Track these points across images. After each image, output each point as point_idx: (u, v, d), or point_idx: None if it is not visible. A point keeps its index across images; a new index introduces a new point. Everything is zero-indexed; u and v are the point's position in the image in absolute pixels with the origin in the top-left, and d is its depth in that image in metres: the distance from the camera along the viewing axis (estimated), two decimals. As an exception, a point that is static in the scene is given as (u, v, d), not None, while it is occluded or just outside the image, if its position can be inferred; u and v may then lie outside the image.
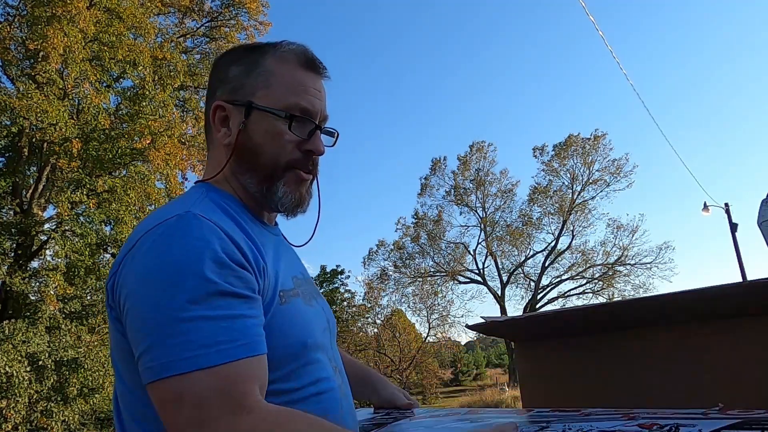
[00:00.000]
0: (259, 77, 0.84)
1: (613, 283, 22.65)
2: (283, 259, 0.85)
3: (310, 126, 0.84)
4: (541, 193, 23.91)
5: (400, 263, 24.54)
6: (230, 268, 0.67)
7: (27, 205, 10.70)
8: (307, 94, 0.85)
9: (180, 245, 0.67)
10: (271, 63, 0.85)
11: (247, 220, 0.83)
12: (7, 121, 10.32)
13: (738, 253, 14.21)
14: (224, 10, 14.67)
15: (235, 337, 0.64)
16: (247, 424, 0.60)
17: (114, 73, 11.72)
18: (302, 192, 0.87)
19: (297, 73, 0.85)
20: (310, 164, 0.87)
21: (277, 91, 0.83)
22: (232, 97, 0.85)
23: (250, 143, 0.83)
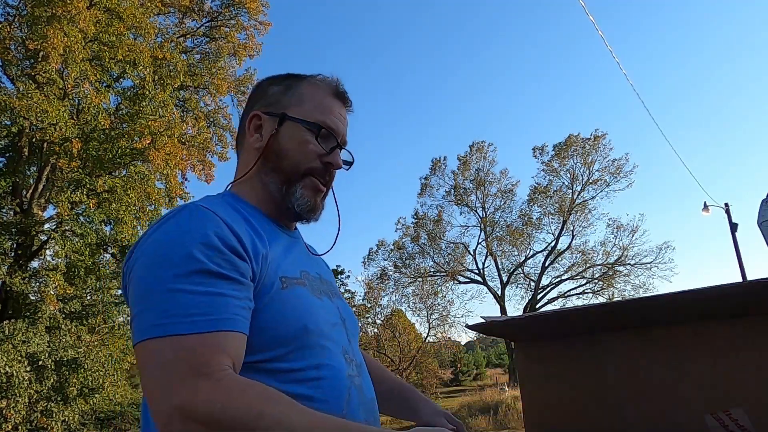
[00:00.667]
0: (293, 96, 0.97)
1: (613, 283, 22.64)
2: (292, 255, 0.91)
3: (333, 143, 0.96)
4: (541, 193, 23.90)
5: (400, 263, 24.55)
6: (219, 251, 0.73)
7: (27, 205, 10.70)
8: (334, 116, 0.97)
9: (176, 229, 0.75)
10: (305, 87, 0.98)
11: (259, 218, 0.91)
12: (7, 121, 10.33)
13: (738, 253, 14.21)
14: (224, 10, 14.67)
15: (208, 312, 0.68)
16: (206, 388, 0.63)
17: (114, 73, 11.72)
18: (317, 200, 0.97)
19: (327, 99, 0.98)
20: (328, 177, 0.97)
21: (308, 109, 0.96)
22: (268, 109, 0.98)
23: (278, 147, 0.94)
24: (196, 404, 0.63)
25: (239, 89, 15.28)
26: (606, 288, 22.75)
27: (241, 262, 0.75)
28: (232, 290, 0.72)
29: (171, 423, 0.63)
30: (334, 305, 0.94)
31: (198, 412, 0.63)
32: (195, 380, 0.64)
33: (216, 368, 0.65)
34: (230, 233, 0.76)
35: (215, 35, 14.72)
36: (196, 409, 0.63)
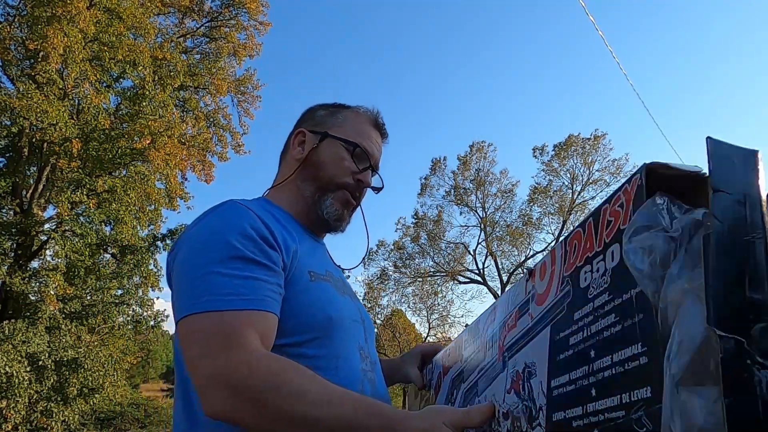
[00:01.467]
0: (337, 119, 1.09)
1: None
2: (318, 256, 1.01)
3: (366, 163, 1.06)
4: (541, 193, 23.91)
5: (400, 263, 24.56)
6: (254, 241, 0.81)
7: (27, 205, 10.70)
8: (370, 142, 1.08)
9: (216, 221, 0.86)
10: (349, 114, 1.11)
11: (290, 221, 1.00)
12: (7, 121, 10.33)
13: (738, 254, 14.20)
14: (224, 10, 14.67)
15: (242, 292, 0.76)
16: (241, 356, 0.71)
17: (114, 73, 11.72)
18: (345, 212, 1.06)
19: (366, 126, 1.10)
20: (359, 193, 1.07)
21: (348, 131, 1.06)
22: (313, 128, 1.09)
23: (317, 159, 1.04)
24: (228, 372, 0.70)
25: (239, 89, 15.29)
26: (606, 288, 22.73)
27: (273, 251, 0.83)
28: (264, 275, 0.80)
29: (207, 389, 0.71)
30: (355, 305, 1.03)
31: (229, 378, 0.70)
32: (228, 351, 0.71)
33: (246, 341, 0.72)
34: (263, 226, 0.84)
35: (215, 35, 14.72)
36: (228, 376, 0.70)
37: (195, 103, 14.02)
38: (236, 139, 15.05)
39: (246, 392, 0.69)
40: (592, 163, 23.25)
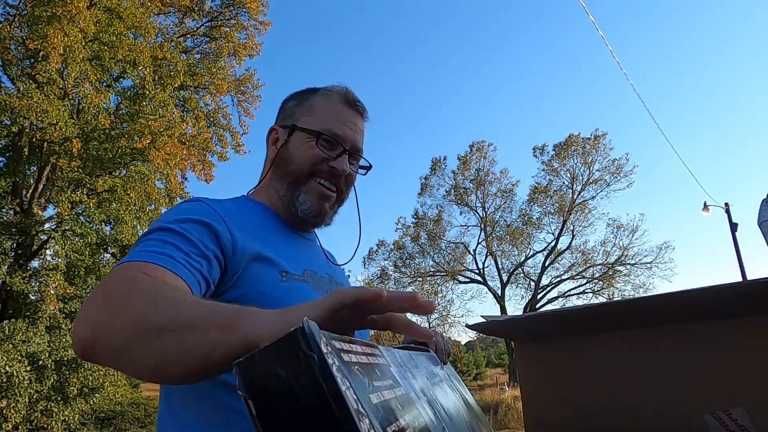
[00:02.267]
0: (305, 108, 1.03)
1: (613, 283, 22.64)
2: (297, 254, 0.97)
3: (338, 148, 1.00)
4: (541, 193, 23.90)
5: (400, 263, 24.55)
6: (193, 222, 0.80)
7: (27, 205, 10.69)
8: (342, 124, 1.01)
9: (171, 210, 0.85)
10: (317, 98, 1.04)
11: (268, 217, 0.98)
12: (8, 120, 10.32)
13: (738, 253, 14.21)
14: (224, 10, 14.67)
15: (153, 249, 0.72)
16: (117, 270, 0.66)
17: (114, 72, 11.72)
18: (324, 206, 1.01)
19: (336, 107, 1.02)
20: (334, 180, 1.01)
21: (316, 119, 1.01)
22: (283, 122, 1.05)
23: (287, 155, 1.00)
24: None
25: (239, 89, 15.28)
26: (606, 288, 22.74)
27: (212, 240, 0.80)
28: (186, 246, 0.75)
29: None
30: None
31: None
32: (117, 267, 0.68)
33: (134, 264, 0.68)
34: (214, 219, 0.82)
35: (215, 35, 14.71)
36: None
37: (195, 102, 14.01)
38: (236, 139, 15.04)
39: (95, 298, 0.61)
40: (592, 163, 23.25)
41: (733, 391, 0.81)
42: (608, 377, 0.96)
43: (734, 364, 0.82)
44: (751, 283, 0.73)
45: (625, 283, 22.63)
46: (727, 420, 0.81)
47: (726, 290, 0.74)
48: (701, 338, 0.86)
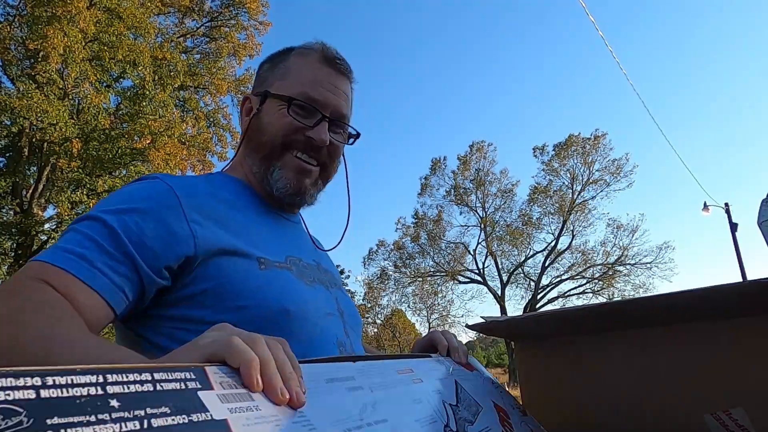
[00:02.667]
0: (278, 71, 0.90)
1: (613, 283, 22.64)
2: (278, 239, 0.86)
3: (316, 115, 0.87)
4: (541, 193, 23.90)
5: (400, 263, 24.55)
6: (134, 212, 0.69)
7: (27, 205, 10.69)
8: (320, 87, 0.88)
9: (122, 189, 0.77)
10: (292, 59, 0.91)
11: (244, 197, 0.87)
12: (8, 121, 10.33)
13: (738, 253, 14.21)
14: (224, 10, 14.67)
15: (73, 249, 0.64)
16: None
17: (114, 73, 11.72)
18: (303, 182, 0.88)
19: (313, 68, 0.89)
20: (313, 153, 0.88)
21: (290, 82, 0.88)
22: (256, 89, 0.92)
23: (258, 125, 0.88)
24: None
25: (239, 89, 15.28)
26: (606, 288, 22.74)
27: (157, 236, 0.69)
28: (114, 246, 0.65)
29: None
30: (331, 295, 0.88)
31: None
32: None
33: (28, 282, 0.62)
34: (167, 207, 0.72)
35: (215, 35, 14.72)
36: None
37: (195, 103, 14.02)
38: (236, 139, 15.04)
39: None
40: (592, 163, 23.25)
41: (733, 391, 0.81)
42: (608, 377, 0.96)
43: (734, 364, 0.82)
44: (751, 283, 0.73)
45: (625, 283, 22.63)
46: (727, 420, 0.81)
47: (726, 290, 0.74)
48: (701, 338, 0.86)
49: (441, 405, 0.67)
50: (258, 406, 0.41)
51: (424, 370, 0.74)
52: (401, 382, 0.65)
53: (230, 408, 0.38)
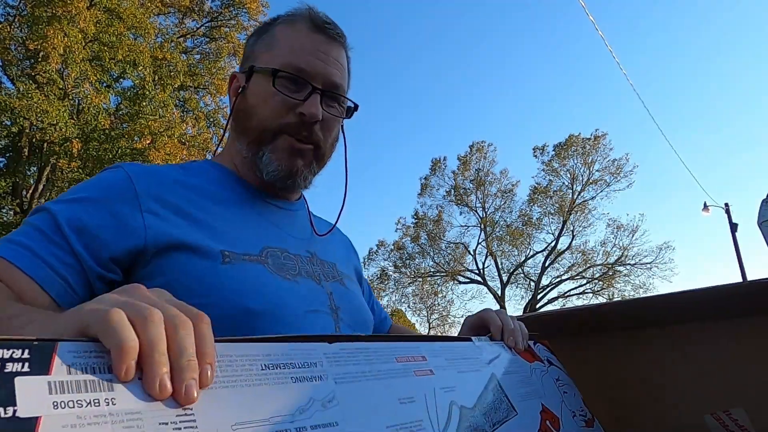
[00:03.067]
0: (264, 42, 0.83)
1: (613, 284, 22.64)
2: (258, 228, 0.78)
3: (305, 87, 0.78)
4: (541, 193, 23.91)
5: (400, 263, 24.55)
6: (87, 202, 0.67)
7: (27, 205, 10.69)
8: (308, 55, 0.79)
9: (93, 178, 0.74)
10: (278, 28, 0.83)
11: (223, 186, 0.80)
12: (8, 121, 10.33)
13: (738, 253, 14.21)
14: (224, 10, 14.67)
15: (21, 240, 0.63)
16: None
17: (114, 73, 11.72)
18: (296, 164, 0.80)
19: (301, 36, 0.81)
20: (305, 131, 0.79)
21: (277, 53, 0.80)
22: (243, 65, 0.85)
23: (245, 105, 0.81)
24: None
25: (239, 89, 15.30)
26: (606, 288, 22.74)
27: (105, 227, 0.65)
28: (59, 236, 0.63)
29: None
30: (323, 290, 0.78)
31: None
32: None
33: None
34: (121, 199, 0.68)
35: (215, 35, 14.72)
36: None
37: (195, 103, 14.02)
38: (236, 139, 15.06)
39: None
40: (592, 163, 23.25)
41: (733, 391, 0.81)
42: (608, 377, 0.96)
43: (734, 364, 0.82)
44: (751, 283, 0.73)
45: (625, 283, 22.63)
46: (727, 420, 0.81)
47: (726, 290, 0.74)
48: (701, 338, 0.86)
49: (444, 407, 0.53)
50: (113, 399, 0.32)
51: (447, 359, 0.59)
52: (392, 374, 0.51)
53: (58, 401, 0.30)
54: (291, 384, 0.42)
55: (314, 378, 0.44)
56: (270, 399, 0.39)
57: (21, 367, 0.30)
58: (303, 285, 0.76)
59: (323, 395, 0.43)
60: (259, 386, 0.40)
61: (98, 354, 0.34)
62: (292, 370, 0.43)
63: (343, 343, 0.48)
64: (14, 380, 0.30)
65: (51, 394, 0.30)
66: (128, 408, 0.33)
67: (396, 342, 0.55)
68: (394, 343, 0.54)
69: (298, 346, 0.45)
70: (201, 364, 0.37)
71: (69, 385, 0.31)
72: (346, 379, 0.46)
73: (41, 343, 0.32)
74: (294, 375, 0.42)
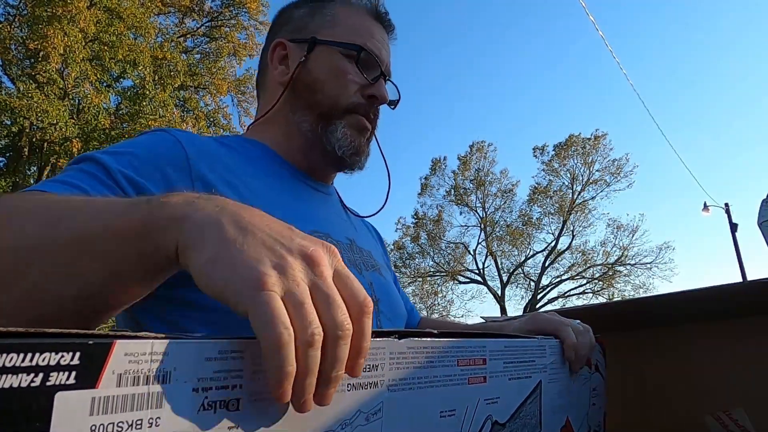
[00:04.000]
0: (324, 18, 0.81)
1: (613, 284, 22.64)
2: (304, 211, 0.74)
3: (376, 70, 0.79)
4: (541, 193, 23.90)
5: (400, 263, 24.54)
6: (132, 156, 0.61)
7: (27, 205, 10.70)
8: (374, 39, 0.80)
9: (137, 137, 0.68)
10: (337, 7, 0.82)
11: (265, 162, 0.75)
12: (8, 120, 10.33)
13: (738, 253, 14.20)
14: (224, 10, 14.67)
15: (63, 179, 0.55)
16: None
17: (114, 72, 11.72)
18: (362, 141, 0.79)
19: (364, 20, 0.81)
20: (373, 113, 0.80)
21: (342, 32, 0.78)
22: (295, 35, 0.81)
23: (309, 78, 0.77)
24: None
25: (239, 89, 15.29)
26: (606, 288, 22.74)
27: (155, 184, 0.60)
28: (107, 177, 0.57)
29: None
30: (364, 279, 0.75)
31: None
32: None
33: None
34: (171, 160, 0.63)
35: (215, 35, 14.72)
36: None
37: (195, 102, 14.02)
38: (236, 138, 15.06)
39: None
40: (592, 163, 23.25)
41: (733, 391, 0.81)
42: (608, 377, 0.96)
43: (734, 364, 0.82)
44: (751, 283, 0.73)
45: (625, 283, 22.64)
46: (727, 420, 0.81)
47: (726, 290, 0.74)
48: (701, 338, 0.86)
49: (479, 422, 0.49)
50: (157, 419, 0.28)
51: (505, 362, 0.54)
52: (447, 381, 0.46)
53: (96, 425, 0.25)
54: (345, 393, 0.38)
55: (370, 385, 0.39)
56: (319, 411, 0.35)
57: (66, 379, 0.25)
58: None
59: (371, 406, 0.39)
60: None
61: (157, 357, 0.28)
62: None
63: (411, 339, 0.43)
64: (54, 397, 0.24)
65: (92, 416, 0.25)
66: (172, 429, 0.28)
67: (462, 339, 0.49)
68: (459, 341, 0.49)
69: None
70: (353, 361, 0.34)
71: (114, 402, 0.26)
72: (400, 387, 0.42)
73: (98, 343, 0.26)
74: (352, 381, 0.38)
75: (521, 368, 0.57)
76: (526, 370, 0.58)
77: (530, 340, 0.60)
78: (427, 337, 0.45)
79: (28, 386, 0.23)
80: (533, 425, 0.57)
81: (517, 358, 0.56)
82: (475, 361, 0.50)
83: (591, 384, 0.73)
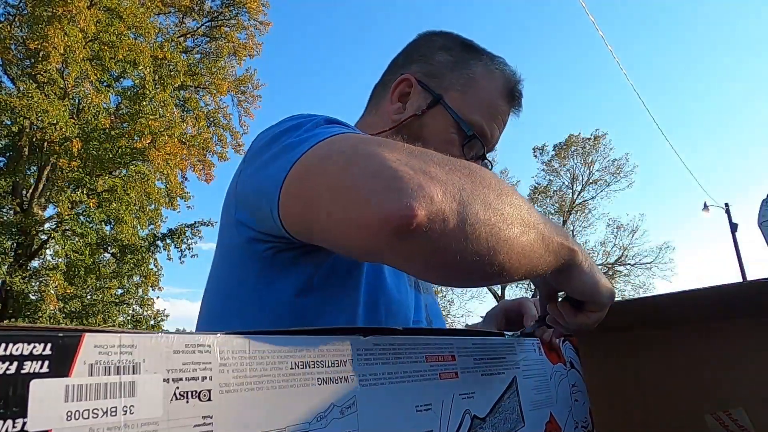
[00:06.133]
0: (461, 78, 0.80)
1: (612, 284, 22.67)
2: None
3: (479, 151, 0.80)
4: (541, 193, 23.92)
5: (400, 263, 24.58)
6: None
7: (27, 205, 10.70)
8: (494, 121, 0.80)
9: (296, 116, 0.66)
10: (479, 72, 0.81)
11: None
12: (8, 120, 10.33)
13: (738, 253, 14.20)
14: (224, 10, 14.67)
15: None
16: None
17: (114, 72, 11.73)
18: None
19: (496, 96, 0.81)
20: None
21: (469, 102, 0.79)
22: (427, 80, 0.80)
23: (417, 132, 0.77)
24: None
25: (239, 89, 15.29)
26: (606, 288, 22.75)
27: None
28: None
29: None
30: (422, 301, 0.78)
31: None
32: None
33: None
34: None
35: (215, 35, 14.72)
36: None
37: (195, 102, 14.02)
38: (236, 138, 15.05)
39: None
40: (592, 163, 23.26)
41: (733, 391, 0.81)
42: (607, 377, 0.96)
43: (734, 364, 0.82)
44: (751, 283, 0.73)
45: (624, 283, 22.65)
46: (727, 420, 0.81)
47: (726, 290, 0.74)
48: (701, 338, 0.86)
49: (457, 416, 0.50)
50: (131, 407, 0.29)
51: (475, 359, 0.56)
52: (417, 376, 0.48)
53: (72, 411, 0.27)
54: (316, 387, 0.40)
55: (340, 380, 0.42)
56: (292, 404, 0.38)
57: (40, 367, 0.26)
58: (410, 294, 0.75)
59: (345, 400, 0.41)
60: (285, 389, 0.38)
61: (126, 350, 0.30)
62: (321, 369, 0.41)
63: (377, 337, 0.46)
64: (30, 384, 0.26)
65: (66, 402, 0.27)
66: (146, 417, 0.30)
67: (428, 337, 0.52)
68: (426, 339, 0.51)
69: (332, 341, 0.43)
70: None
71: (88, 390, 0.28)
72: (371, 381, 0.44)
73: (67, 336, 0.28)
74: (321, 376, 0.40)
75: (492, 365, 0.59)
76: (497, 366, 0.60)
77: (498, 338, 0.63)
78: (392, 334, 0.48)
79: (3, 374, 0.25)
80: (515, 420, 0.59)
81: (486, 355, 0.58)
82: (444, 357, 0.52)
83: (570, 381, 0.75)
